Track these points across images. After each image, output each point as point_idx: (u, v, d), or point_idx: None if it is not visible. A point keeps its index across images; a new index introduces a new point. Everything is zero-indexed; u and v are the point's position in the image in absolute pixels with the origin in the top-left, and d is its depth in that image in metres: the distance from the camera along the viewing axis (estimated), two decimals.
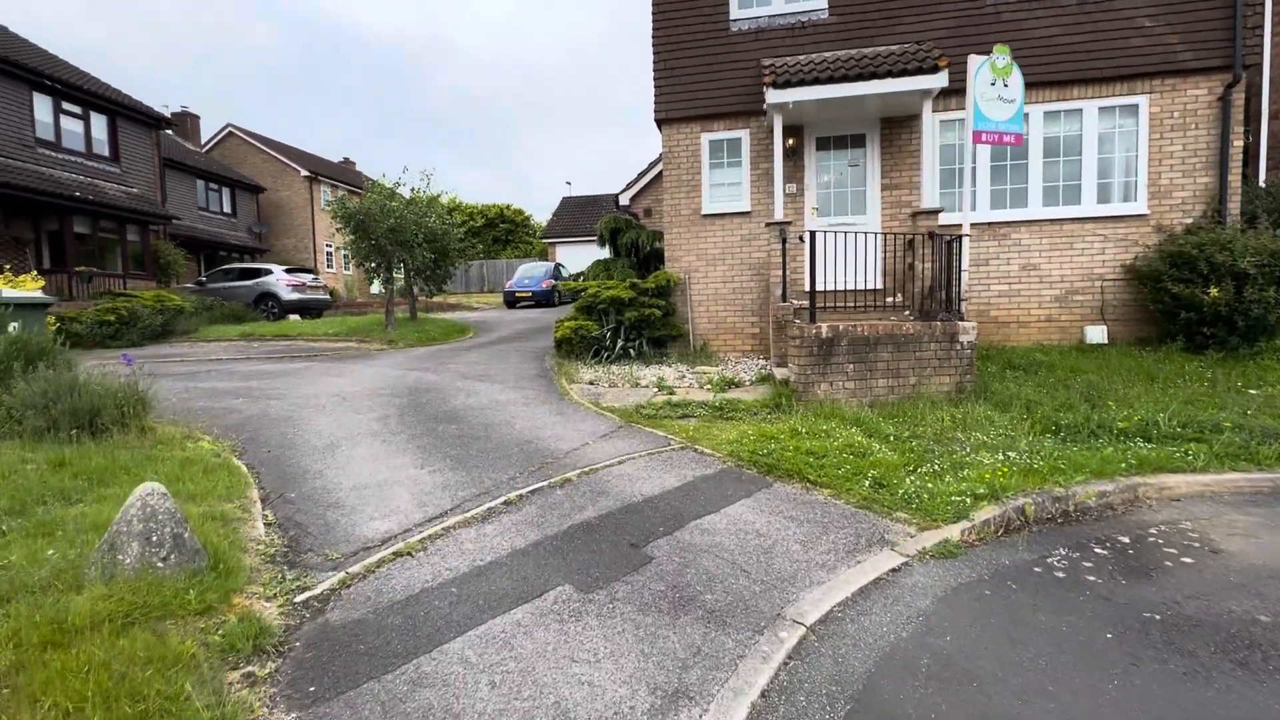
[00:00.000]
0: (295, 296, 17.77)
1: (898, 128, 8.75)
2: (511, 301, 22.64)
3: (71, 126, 15.54)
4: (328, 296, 19.48)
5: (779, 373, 6.96)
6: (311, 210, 28.89)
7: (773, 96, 7.89)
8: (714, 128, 9.26)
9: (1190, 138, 8.06)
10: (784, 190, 8.83)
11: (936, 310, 7.38)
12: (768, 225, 8.36)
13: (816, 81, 7.78)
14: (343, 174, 32.63)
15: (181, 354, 11.28)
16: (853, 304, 7.56)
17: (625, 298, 8.96)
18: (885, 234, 7.95)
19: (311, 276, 18.65)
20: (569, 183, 56.52)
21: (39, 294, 6.31)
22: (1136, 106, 8.18)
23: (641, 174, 14.34)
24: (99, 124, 16.20)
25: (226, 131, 29.87)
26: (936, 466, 4.47)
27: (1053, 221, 8.40)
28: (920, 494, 4.04)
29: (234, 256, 26.16)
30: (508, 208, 40.46)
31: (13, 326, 5.64)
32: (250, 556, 3.15)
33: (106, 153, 16.40)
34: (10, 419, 4.60)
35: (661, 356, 9.09)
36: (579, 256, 29.06)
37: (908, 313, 8.04)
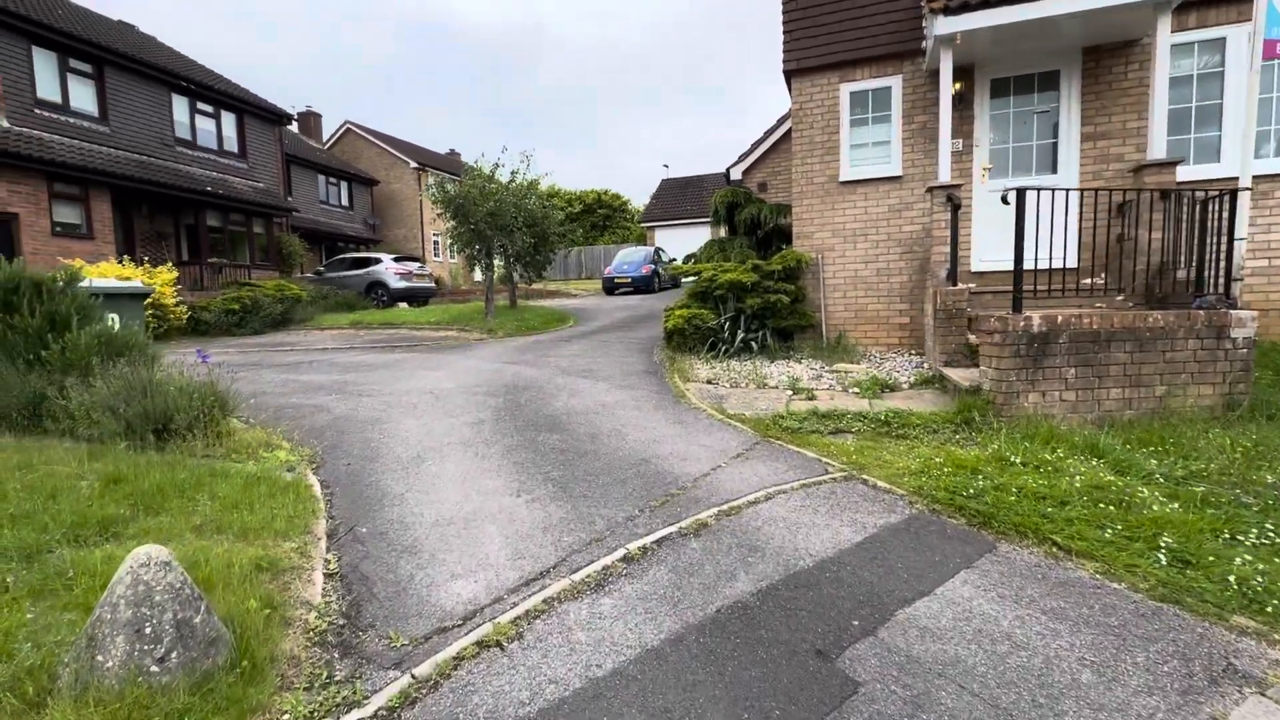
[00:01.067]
0: (403, 285, 18.01)
1: (1106, 59, 6.81)
2: (610, 288, 21.93)
3: (204, 125, 16.44)
4: (433, 284, 19.67)
5: (956, 376, 5.47)
6: (420, 201, 29.75)
7: (942, 26, 6.29)
8: (856, 76, 7.73)
9: None
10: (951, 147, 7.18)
11: (1173, 294, 5.56)
12: (930, 191, 6.78)
13: (1002, 1, 6.08)
14: (448, 165, 33.44)
15: (294, 342, 11.39)
16: (1044, 287, 5.88)
17: (746, 282, 7.72)
18: (1099, 190, 6.12)
19: (418, 265, 18.85)
20: (666, 165, 55.36)
21: (135, 283, 6.12)
22: None
23: (756, 144, 12.88)
24: (228, 122, 17.07)
25: (344, 129, 31.39)
26: (1271, 532, 2.95)
27: None
28: (1265, 583, 2.58)
29: (350, 247, 27.42)
30: (605, 193, 40.00)
31: (111, 319, 5.37)
32: (292, 638, 2.33)
33: (235, 149, 17.28)
34: (89, 420, 4.19)
35: (788, 351, 7.79)
36: (679, 240, 27.92)
37: (1120, 297, 6.22)
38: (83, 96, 13.79)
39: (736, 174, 12.96)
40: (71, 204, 13.00)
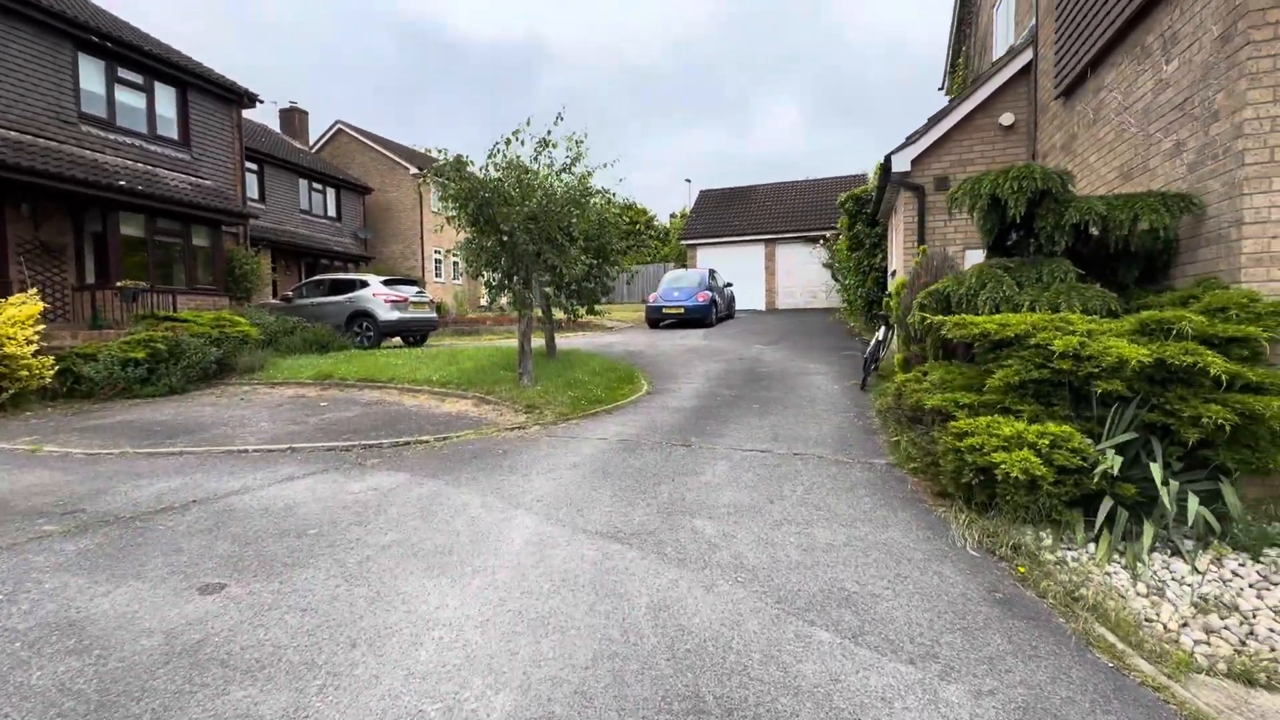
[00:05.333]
0: (395, 316, 13.60)
1: None
2: (655, 319, 17.56)
3: (128, 99, 12.10)
4: (434, 314, 15.28)
5: None
6: (420, 213, 25.50)
7: None
8: None
9: None
10: None
11: None
12: None
13: None
14: None
15: (201, 422, 6.87)
16: None
17: (1183, 365, 3.28)
18: None
19: (415, 290, 14.46)
20: (689, 180, 51.41)
21: None
22: None
23: (935, 119, 8.56)
24: (165, 98, 12.73)
25: (335, 129, 27.25)
26: None
27: None
28: None
29: (337, 265, 23.06)
30: (631, 206, 35.79)
31: None
32: None
33: (174, 134, 12.92)
34: None
35: (1252, 524, 3.32)
36: (726, 260, 23.64)
37: None
38: None
39: (903, 163, 8.60)
40: None
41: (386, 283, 14.02)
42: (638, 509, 3.96)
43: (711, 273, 18.76)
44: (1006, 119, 8.27)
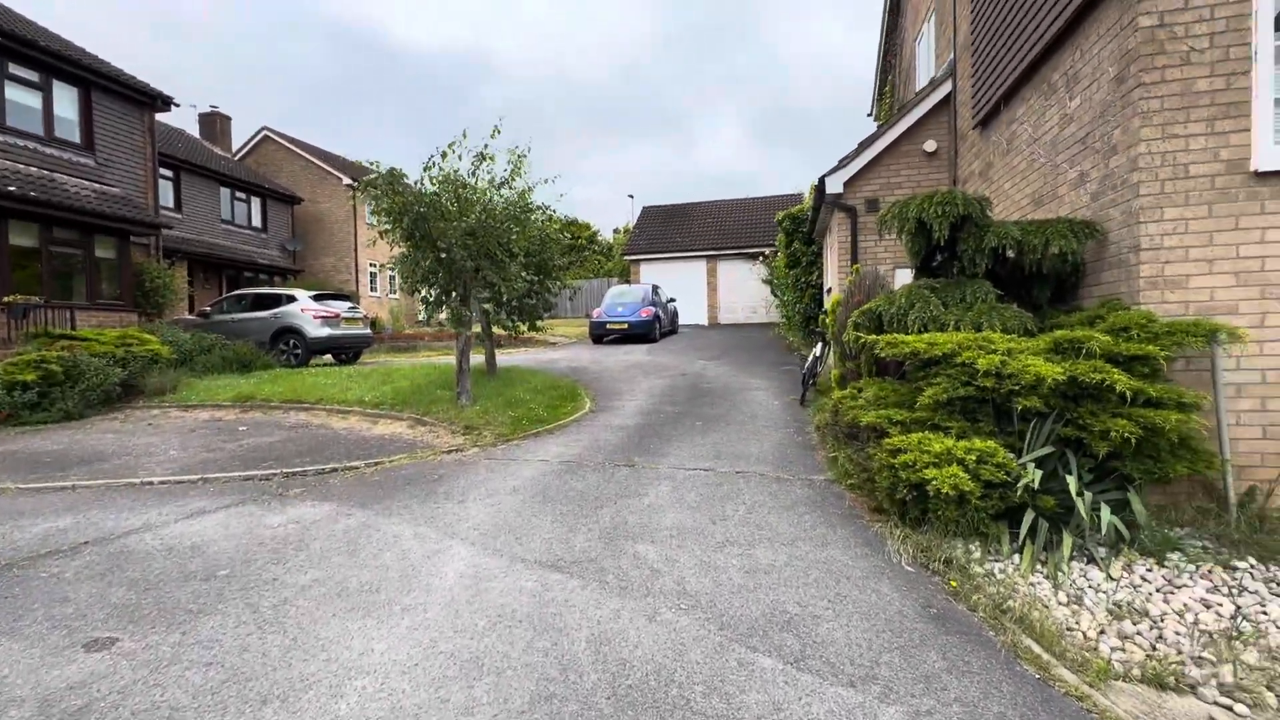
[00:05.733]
0: (325, 332, 12.97)
1: None
2: (599, 335, 17.52)
3: (20, 97, 11.11)
4: (368, 331, 14.68)
5: None
6: (355, 225, 24.58)
7: None
8: None
9: None
10: None
11: None
12: None
13: None
14: None
15: (102, 451, 6.27)
16: None
17: (1093, 382, 3.49)
18: None
19: (348, 305, 13.85)
20: (631, 196, 51.86)
21: None
22: None
23: (864, 144, 8.94)
24: (65, 99, 11.77)
25: (261, 136, 25.98)
26: None
27: None
28: None
29: (262, 278, 21.89)
30: (574, 222, 35.70)
31: None
32: None
33: (76, 138, 11.95)
34: None
35: (1156, 530, 3.56)
36: (669, 276, 23.91)
37: None
38: None
39: (836, 184, 8.92)
40: None
41: (316, 298, 13.36)
42: (579, 535, 3.86)
43: (655, 288, 18.89)
44: (930, 146, 8.73)
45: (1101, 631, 2.83)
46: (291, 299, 13.17)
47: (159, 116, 13.90)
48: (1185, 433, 3.53)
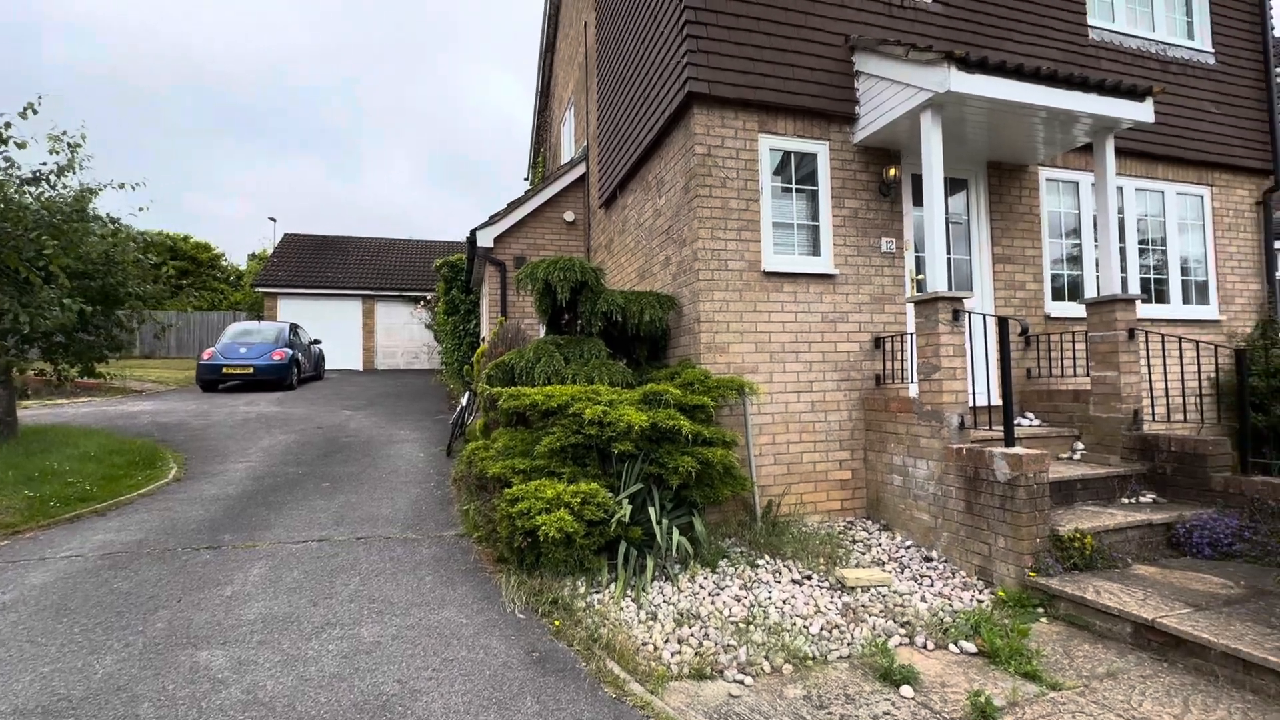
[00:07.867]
0: None
1: (1006, 179, 6.22)
2: (213, 380, 14.31)
3: None
4: None
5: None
6: None
7: (960, 83, 4.52)
8: (777, 128, 5.44)
9: (1242, 239, 7.30)
10: (882, 247, 5.49)
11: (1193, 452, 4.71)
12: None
13: (1018, 75, 4.69)
14: None
15: None
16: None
17: (668, 427, 4.26)
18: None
19: None
20: (273, 219, 44.74)
21: None
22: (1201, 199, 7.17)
23: (513, 204, 9.47)
24: None
25: None
26: None
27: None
28: None
29: None
30: (184, 239, 28.59)
31: None
32: None
33: None
34: None
35: (715, 546, 4.55)
36: (316, 315, 21.20)
37: (1078, 452, 5.31)
38: None
39: (487, 239, 9.23)
40: None
41: None
42: (107, 655, 2.90)
43: (294, 327, 16.41)
44: (569, 216, 9.82)
45: (667, 640, 3.37)
46: None
47: None
48: (728, 463, 4.58)
